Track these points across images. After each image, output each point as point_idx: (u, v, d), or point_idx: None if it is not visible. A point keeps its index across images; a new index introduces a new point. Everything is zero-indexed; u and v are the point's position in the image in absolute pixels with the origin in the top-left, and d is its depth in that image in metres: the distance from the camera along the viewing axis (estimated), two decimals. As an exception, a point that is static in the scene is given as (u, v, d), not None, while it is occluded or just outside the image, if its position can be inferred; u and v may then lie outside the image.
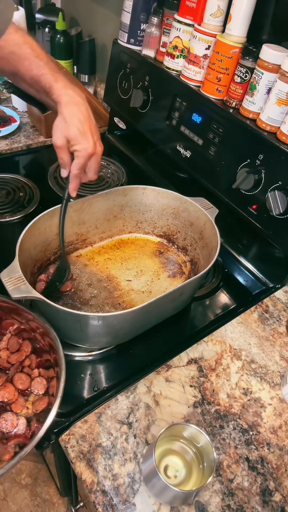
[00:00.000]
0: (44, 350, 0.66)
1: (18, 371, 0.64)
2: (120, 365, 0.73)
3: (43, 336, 0.65)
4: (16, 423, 0.58)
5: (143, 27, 1.02)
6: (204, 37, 0.84)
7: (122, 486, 0.57)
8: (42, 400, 0.61)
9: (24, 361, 0.66)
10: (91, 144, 0.66)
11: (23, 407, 0.61)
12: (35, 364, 0.66)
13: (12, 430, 0.58)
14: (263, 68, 0.75)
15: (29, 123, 1.31)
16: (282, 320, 0.83)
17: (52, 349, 0.63)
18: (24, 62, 0.65)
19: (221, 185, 0.89)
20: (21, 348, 0.67)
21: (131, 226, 0.94)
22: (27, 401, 0.62)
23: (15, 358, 0.65)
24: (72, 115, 0.64)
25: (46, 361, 0.66)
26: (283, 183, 0.76)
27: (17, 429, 0.58)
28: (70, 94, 0.65)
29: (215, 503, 0.57)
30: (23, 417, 0.59)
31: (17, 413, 0.60)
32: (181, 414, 0.65)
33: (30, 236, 0.72)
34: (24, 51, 0.65)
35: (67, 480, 0.94)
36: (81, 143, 0.65)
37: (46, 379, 0.63)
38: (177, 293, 0.70)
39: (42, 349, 0.67)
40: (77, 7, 1.43)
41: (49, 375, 0.64)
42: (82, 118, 0.65)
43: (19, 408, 0.60)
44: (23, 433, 0.57)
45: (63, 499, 1.35)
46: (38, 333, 0.66)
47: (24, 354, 0.66)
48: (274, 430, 0.66)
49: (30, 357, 0.66)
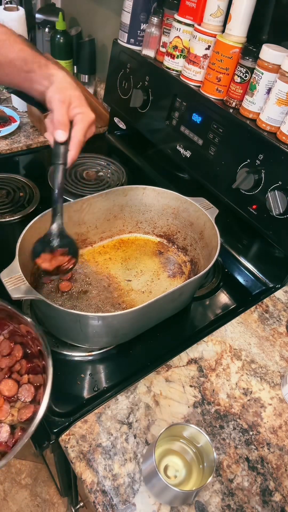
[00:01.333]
0: (35, 356, 0.65)
1: (6, 376, 0.63)
2: (120, 365, 0.73)
3: (34, 341, 0.64)
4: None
5: (143, 27, 1.02)
6: (204, 37, 0.84)
7: (122, 486, 0.57)
8: (28, 408, 0.59)
9: (14, 366, 0.65)
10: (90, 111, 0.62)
11: (7, 414, 0.59)
12: (24, 370, 0.65)
13: None
14: (263, 68, 0.75)
15: (29, 123, 1.31)
16: (282, 320, 0.83)
17: (42, 356, 0.61)
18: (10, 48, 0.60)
19: (221, 185, 0.89)
20: (12, 353, 0.66)
21: (131, 226, 0.94)
22: (13, 407, 0.60)
23: (5, 363, 0.64)
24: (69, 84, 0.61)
25: (36, 367, 0.65)
26: (283, 183, 0.76)
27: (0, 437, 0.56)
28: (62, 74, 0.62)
29: (215, 503, 0.57)
30: (7, 424, 0.58)
31: (0, 420, 0.58)
32: (181, 414, 0.65)
33: (30, 236, 0.72)
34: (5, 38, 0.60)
35: (67, 480, 0.94)
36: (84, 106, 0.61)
37: (35, 386, 0.62)
38: (177, 293, 0.70)
39: (33, 354, 0.66)
40: (77, 7, 1.43)
41: (38, 381, 0.63)
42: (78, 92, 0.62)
43: (3, 415, 0.59)
44: (5, 441, 0.56)
45: (63, 499, 1.36)
46: (29, 338, 0.65)
47: (15, 359, 0.65)
48: (274, 430, 0.66)
49: (20, 362, 0.65)
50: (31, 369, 0.65)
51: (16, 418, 0.59)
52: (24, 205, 1.02)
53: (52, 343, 0.73)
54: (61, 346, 0.73)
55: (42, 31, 1.45)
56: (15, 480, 1.39)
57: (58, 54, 1.35)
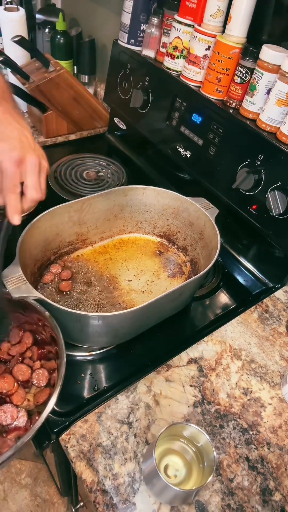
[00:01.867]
0: (46, 342, 0.65)
1: (18, 362, 0.63)
2: (120, 365, 0.73)
3: (44, 327, 0.64)
4: (17, 415, 0.57)
5: (143, 27, 1.02)
6: (204, 37, 0.84)
7: (122, 486, 0.57)
8: (44, 391, 0.59)
9: (25, 353, 0.65)
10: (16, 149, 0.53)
11: (23, 399, 0.59)
12: (36, 356, 0.65)
13: (12, 423, 0.56)
14: (263, 69, 0.75)
15: (29, 123, 1.31)
16: (282, 320, 0.83)
17: (54, 341, 0.61)
18: None
19: (221, 185, 0.89)
20: (22, 340, 0.66)
21: (131, 226, 0.94)
22: (29, 393, 0.61)
23: (15, 350, 0.64)
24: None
25: (48, 353, 0.64)
26: (283, 183, 0.76)
27: (17, 422, 0.57)
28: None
29: (215, 503, 0.57)
30: (24, 409, 0.58)
31: (17, 406, 0.58)
32: (181, 413, 0.65)
33: (30, 236, 0.72)
34: None
35: (67, 480, 0.95)
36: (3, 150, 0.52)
37: (48, 370, 0.62)
38: (177, 293, 0.70)
39: (44, 340, 0.65)
40: (77, 8, 1.43)
41: (51, 366, 0.62)
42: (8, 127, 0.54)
43: (19, 400, 0.59)
44: (23, 426, 0.56)
45: (63, 499, 1.36)
46: (39, 325, 0.65)
47: (25, 346, 0.65)
48: (274, 429, 0.66)
49: (31, 349, 0.65)
50: (42, 355, 0.65)
51: (32, 403, 0.59)
52: (24, 205, 1.02)
53: (52, 343, 0.73)
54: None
55: (42, 31, 1.45)
56: (15, 480, 1.39)
57: (58, 54, 1.35)
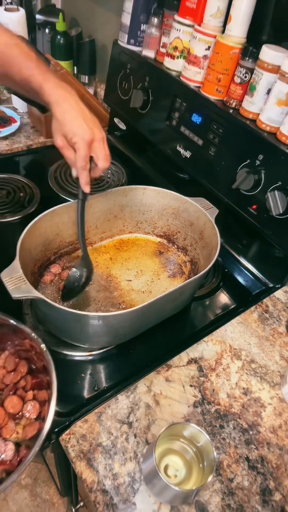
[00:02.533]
0: (40, 371, 0.64)
1: (11, 393, 0.62)
2: (120, 364, 0.73)
3: (38, 356, 0.63)
4: (4, 449, 0.55)
5: (143, 27, 1.02)
6: (204, 37, 0.84)
7: (123, 486, 0.57)
8: (33, 425, 0.58)
9: (19, 382, 0.64)
10: (86, 131, 0.64)
11: (12, 431, 0.58)
12: (29, 386, 0.63)
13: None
14: (263, 69, 0.75)
15: (29, 123, 1.31)
16: (282, 320, 0.84)
17: (46, 371, 0.60)
18: (13, 63, 0.65)
19: (221, 185, 0.89)
20: (17, 368, 0.65)
21: (131, 226, 0.94)
22: (18, 424, 0.59)
23: (9, 379, 0.63)
24: (63, 112, 0.64)
25: (41, 382, 0.63)
26: (283, 183, 0.76)
27: (5, 455, 0.55)
28: (59, 93, 0.65)
29: (215, 503, 0.57)
30: (12, 442, 0.57)
31: (5, 438, 0.57)
32: (181, 413, 0.65)
33: (30, 236, 0.72)
34: (13, 52, 0.65)
35: (67, 480, 0.94)
36: (77, 133, 0.64)
37: (39, 402, 0.61)
38: (177, 293, 0.70)
39: (38, 369, 0.65)
40: (77, 8, 1.43)
41: (43, 397, 0.61)
42: (74, 112, 0.64)
43: (8, 433, 0.57)
44: (10, 460, 0.55)
45: (63, 499, 1.35)
46: (34, 353, 0.64)
47: (20, 375, 0.64)
48: (274, 429, 0.66)
49: (26, 378, 0.64)
50: (36, 384, 0.64)
51: (21, 436, 0.58)
52: (24, 205, 1.02)
53: (52, 343, 0.73)
54: (61, 345, 0.73)
55: (43, 31, 1.45)
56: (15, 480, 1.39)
57: (58, 54, 1.35)
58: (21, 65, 0.65)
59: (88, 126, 0.65)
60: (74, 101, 0.65)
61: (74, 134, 0.64)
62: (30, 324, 0.76)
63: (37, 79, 0.64)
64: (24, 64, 0.65)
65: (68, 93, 0.65)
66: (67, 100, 0.65)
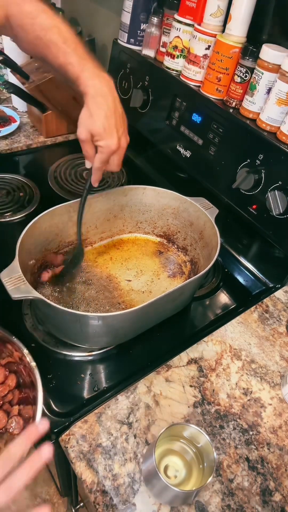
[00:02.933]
0: (27, 385, 0.63)
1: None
2: (120, 365, 0.73)
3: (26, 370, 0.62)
4: None
5: (143, 27, 1.02)
6: (204, 37, 0.84)
7: (122, 486, 0.57)
8: None
9: (6, 396, 0.63)
10: (115, 141, 0.64)
11: None
12: (16, 400, 0.63)
13: None
14: (263, 68, 0.75)
15: (29, 123, 1.31)
16: (282, 320, 0.83)
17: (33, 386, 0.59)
18: (51, 48, 0.62)
19: (221, 185, 0.89)
20: (6, 382, 0.64)
21: (131, 226, 0.94)
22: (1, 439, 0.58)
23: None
24: (97, 108, 0.62)
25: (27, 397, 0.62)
26: (283, 183, 0.76)
27: None
28: (97, 85, 0.62)
29: (215, 503, 0.57)
30: None
31: None
32: (181, 414, 0.65)
33: (30, 236, 0.72)
34: (51, 37, 0.61)
35: (67, 480, 0.94)
36: (105, 139, 0.63)
37: (24, 419, 0.60)
38: (177, 293, 0.70)
39: (25, 383, 0.64)
40: (77, 7, 1.43)
41: (28, 413, 0.60)
42: (108, 112, 0.63)
43: None
44: None
45: (63, 499, 1.35)
46: (22, 366, 0.63)
47: (8, 389, 0.63)
48: (274, 430, 0.66)
49: (13, 392, 0.64)
50: (22, 399, 0.63)
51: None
52: (24, 205, 1.02)
53: (52, 343, 0.73)
54: (61, 346, 0.73)
55: (42, 31, 1.44)
56: None
57: (58, 54, 1.34)
58: (59, 51, 0.61)
59: (118, 133, 0.64)
60: (112, 99, 0.64)
61: (101, 138, 0.63)
62: (30, 324, 0.76)
63: (74, 68, 0.62)
64: (62, 50, 0.61)
65: (106, 86, 0.63)
66: (105, 96, 0.63)
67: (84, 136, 0.64)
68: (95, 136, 0.64)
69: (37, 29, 0.61)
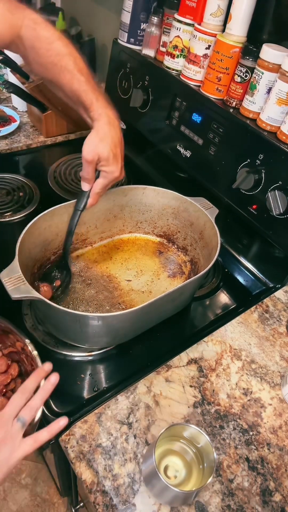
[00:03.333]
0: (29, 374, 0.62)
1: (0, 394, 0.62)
2: (120, 365, 0.73)
3: (29, 360, 0.63)
4: None
5: (143, 26, 1.01)
6: (204, 36, 0.84)
7: (122, 486, 0.57)
8: None
9: (8, 384, 0.63)
10: (119, 169, 0.68)
11: None
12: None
13: None
14: (263, 68, 0.75)
15: (29, 122, 1.31)
16: (282, 320, 0.83)
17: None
18: (65, 74, 0.65)
19: (221, 185, 0.89)
20: (8, 370, 0.65)
21: (131, 226, 0.94)
22: None
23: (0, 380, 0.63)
24: (107, 135, 0.66)
25: None
26: (283, 183, 0.76)
27: None
28: (109, 115, 0.67)
29: (215, 503, 0.57)
30: None
31: None
32: (181, 414, 0.65)
33: (30, 236, 0.72)
34: (67, 64, 0.65)
35: (67, 480, 0.94)
36: (111, 165, 0.67)
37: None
38: (177, 293, 0.70)
39: (27, 373, 0.64)
40: (77, 7, 1.43)
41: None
42: (117, 141, 0.67)
43: None
44: None
45: (63, 499, 1.36)
46: (24, 356, 0.64)
47: (10, 377, 0.64)
48: (274, 430, 0.66)
49: (16, 380, 0.64)
50: None
51: None
52: (24, 205, 1.02)
53: (52, 343, 0.73)
54: (61, 346, 0.73)
55: (42, 30, 1.44)
56: (15, 480, 1.39)
57: (58, 53, 1.34)
58: (73, 78, 0.65)
59: (122, 165, 0.69)
60: (119, 131, 0.68)
61: (108, 164, 0.67)
62: (29, 324, 0.76)
63: (88, 95, 0.65)
64: (77, 78, 0.65)
65: (116, 119, 0.68)
66: (115, 126, 0.67)
67: (91, 157, 0.66)
68: (102, 161, 0.67)
69: (52, 54, 0.64)
